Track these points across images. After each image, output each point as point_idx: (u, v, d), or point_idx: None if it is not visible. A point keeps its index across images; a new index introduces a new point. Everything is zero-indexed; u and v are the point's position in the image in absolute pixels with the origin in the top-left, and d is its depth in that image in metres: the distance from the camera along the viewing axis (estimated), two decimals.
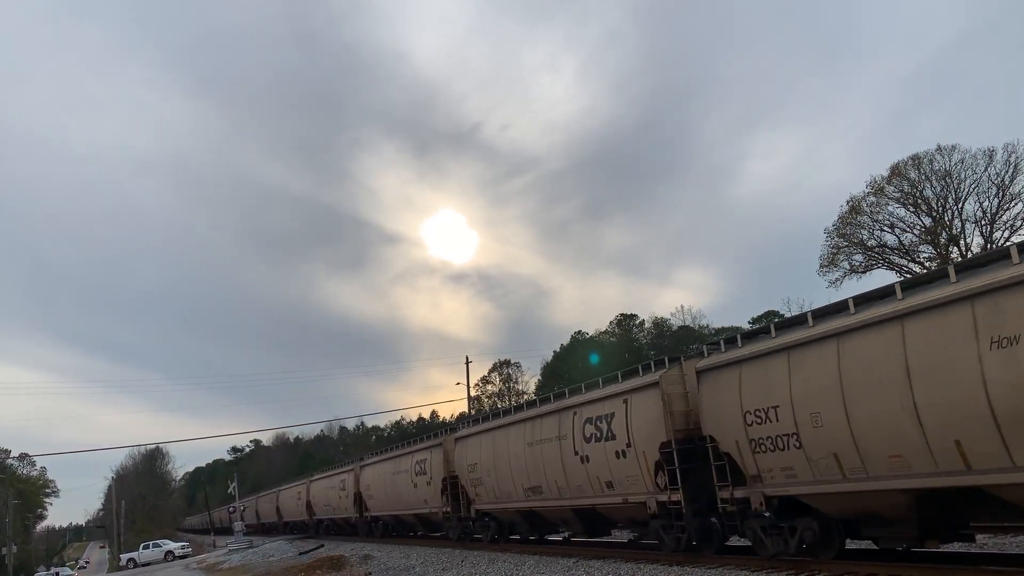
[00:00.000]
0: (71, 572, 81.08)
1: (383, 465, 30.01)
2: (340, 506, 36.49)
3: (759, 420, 12.32)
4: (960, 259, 45.27)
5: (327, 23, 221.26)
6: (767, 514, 12.78)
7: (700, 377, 13.73)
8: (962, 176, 49.28)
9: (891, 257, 53.83)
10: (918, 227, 52.32)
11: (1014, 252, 9.29)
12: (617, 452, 15.48)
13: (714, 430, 13.36)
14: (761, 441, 12.34)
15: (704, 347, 14.15)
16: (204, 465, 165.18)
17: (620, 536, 19.80)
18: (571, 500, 17.35)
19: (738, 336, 13.31)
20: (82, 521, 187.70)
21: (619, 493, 15.68)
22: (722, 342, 13.69)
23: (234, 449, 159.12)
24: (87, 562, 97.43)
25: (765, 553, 12.96)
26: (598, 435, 16.03)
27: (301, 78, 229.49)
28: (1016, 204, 47.64)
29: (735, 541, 14.86)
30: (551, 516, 18.97)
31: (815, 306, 11.57)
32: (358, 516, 33.72)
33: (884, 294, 10.91)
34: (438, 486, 24.24)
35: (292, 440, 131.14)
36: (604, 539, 19.20)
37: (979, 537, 13.80)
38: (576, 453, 16.76)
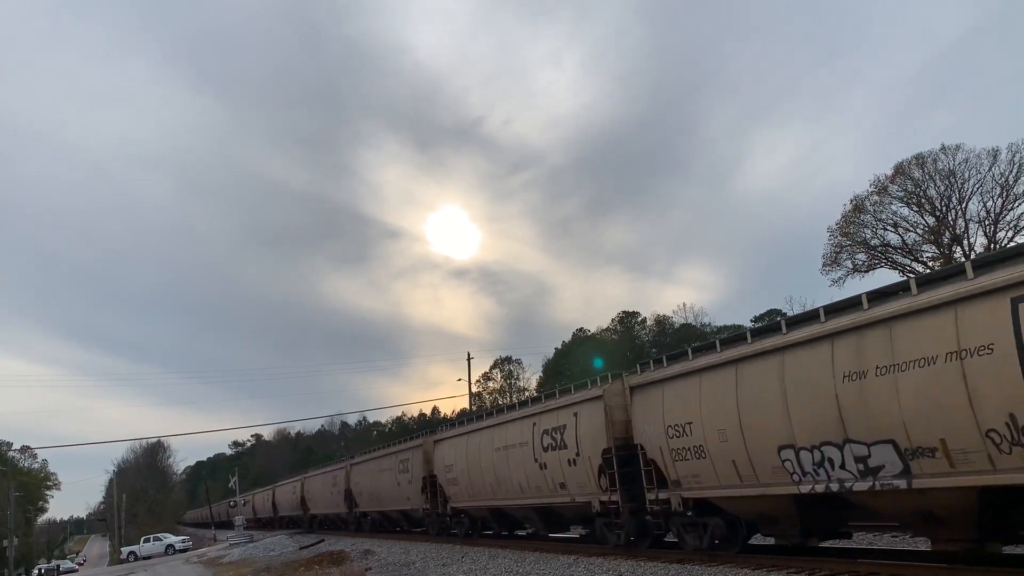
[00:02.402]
0: (72, 565, 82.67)
1: (371, 464, 32.78)
2: (332, 502, 39.36)
3: (678, 434, 14.76)
4: (964, 259, 46.99)
5: (329, 16, 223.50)
6: (689, 514, 15.21)
7: (633, 392, 16.19)
8: (966, 176, 50.65)
9: (894, 256, 54.57)
10: (921, 226, 53.21)
11: (864, 299, 11.64)
12: (569, 460, 17.98)
13: (643, 440, 15.82)
14: (679, 451, 14.77)
15: (638, 365, 16.56)
16: (205, 459, 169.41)
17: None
18: (531, 499, 19.87)
19: (664, 357, 15.75)
20: (83, 514, 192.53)
21: (569, 493, 18.18)
22: (651, 362, 16.12)
23: (235, 444, 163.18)
24: (84, 559, 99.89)
25: (687, 547, 15.42)
26: (554, 445, 18.53)
27: (303, 72, 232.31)
28: (1020, 204, 49.13)
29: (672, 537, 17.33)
30: (515, 513, 21.53)
31: (817, 305, 12.87)
32: (348, 512, 36.55)
33: (775, 328, 13.29)
34: (419, 484, 26.87)
35: (293, 435, 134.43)
36: (561, 535, 21.68)
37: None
38: (536, 460, 19.28)
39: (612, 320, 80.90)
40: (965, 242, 53.07)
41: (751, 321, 71.34)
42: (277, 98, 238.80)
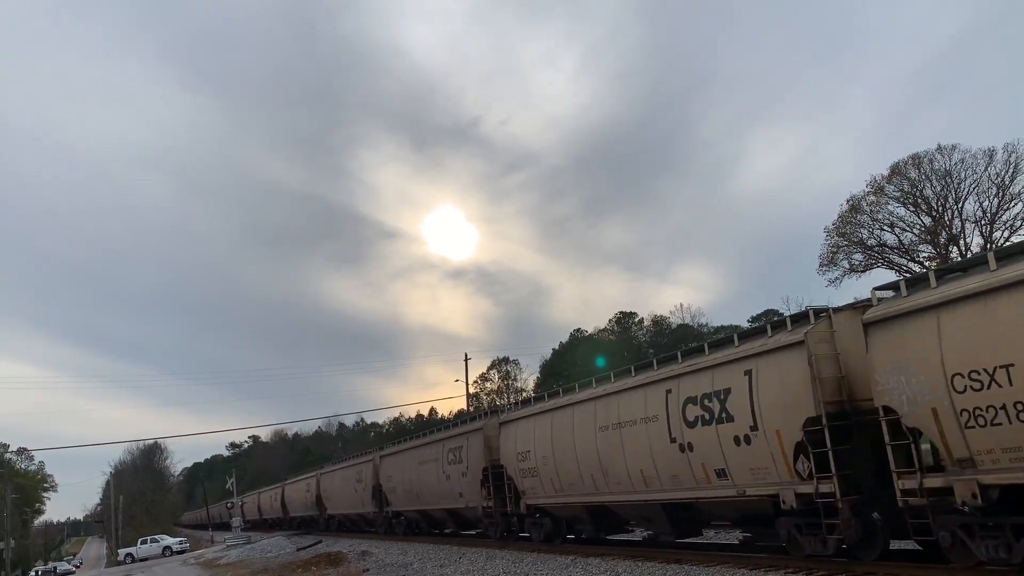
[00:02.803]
0: (68, 567, 76.85)
1: (408, 454, 25.77)
2: (356, 500, 32.08)
3: (976, 385, 8.61)
4: (959, 259, 42.65)
5: (325, 16, 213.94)
6: (966, 509, 9.07)
7: (869, 331, 9.92)
8: (962, 176, 47.29)
9: (891, 256, 52.10)
10: (918, 226, 49.62)
11: None
12: (736, 438, 11.67)
13: (894, 400, 9.59)
14: (978, 413, 8.62)
15: (874, 292, 10.34)
16: (203, 461, 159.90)
17: (718, 537, 16.15)
18: (661, 493, 13.50)
19: (930, 273, 9.58)
20: (80, 516, 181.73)
21: (735, 484, 11.88)
22: (902, 283, 9.98)
23: (233, 445, 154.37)
24: (80, 562, 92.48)
25: (966, 561, 9.25)
26: (707, 417, 12.20)
27: (299, 72, 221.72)
28: (1016, 204, 45.89)
29: (895, 544, 11.15)
30: (628, 513, 15.07)
31: (814, 305, 8.38)
32: (377, 512, 29.48)
33: None
34: (477, 477, 20.23)
35: (290, 437, 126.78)
36: (697, 540, 15.33)
37: None
38: (673, 440, 12.91)
39: (609, 321, 75.59)
40: (961, 242, 50.88)
41: (748, 321, 66.74)
42: (274, 98, 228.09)
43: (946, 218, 50.77)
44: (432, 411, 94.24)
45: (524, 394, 75.87)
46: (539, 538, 18.13)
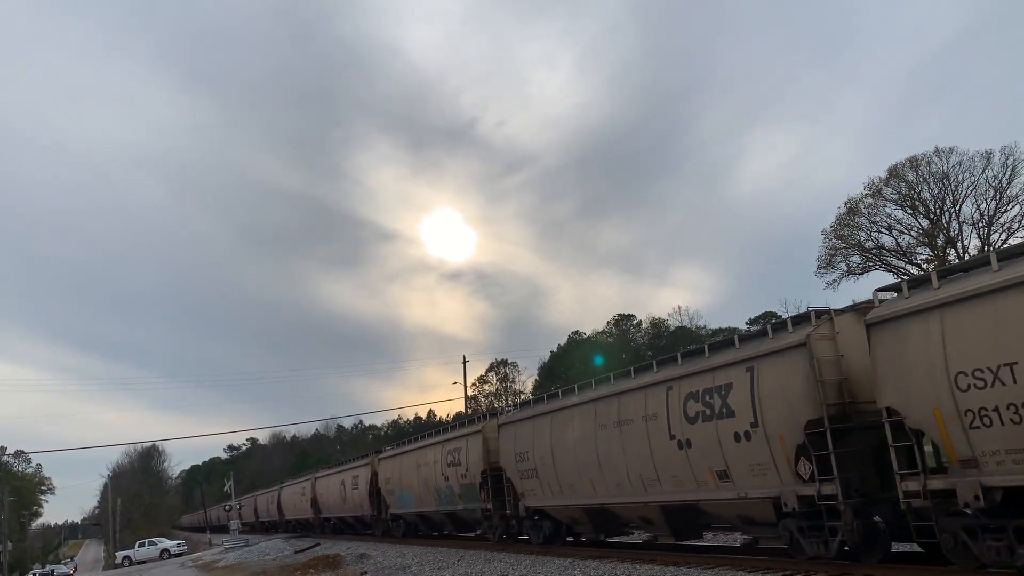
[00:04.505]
0: (66, 570, 76.25)
1: (406, 457, 25.63)
2: (352, 503, 32.12)
3: (979, 384, 8.54)
4: (958, 260, 42.87)
5: (320, 16, 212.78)
6: (969, 511, 8.98)
7: (872, 332, 9.85)
8: (960, 178, 47.21)
9: (888, 259, 51.23)
10: (916, 229, 49.60)
11: None
12: (737, 434, 11.60)
13: (898, 401, 9.51)
14: (983, 413, 8.54)
15: (876, 293, 10.27)
16: (200, 463, 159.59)
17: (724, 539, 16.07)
18: (662, 495, 13.41)
19: (932, 273, 9.51)
20: (78, 519, 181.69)
21: (737, 486, 11.79)
22: (904, 284, 9.89)
23: (230, 447, 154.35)
24: (76, 566, 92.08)
25: (967, 564, 9.15)
26: (707, 412, 12.11)
27: (295, 73, 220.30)
28: (1013, 206, 45.89)
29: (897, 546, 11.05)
30: (628, 515, 14.96)
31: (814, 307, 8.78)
32: (375, 514, 29.38)
33: None
34: (476, 479, 20.17)
35: (288, 439, 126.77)
36: (697, 543, 15.27)
37: None
38: (673, 437, 12.84)
39: (607, 323, 75.53)
40: (959, 244, 50.87)
41: (746, 324, 66.58)
42: (272, 99, 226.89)
43: (944, 220, 50.83)
44: (431, 413, 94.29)
45: (523, 396, 75.85)
46: (538, 541, 18.03)
